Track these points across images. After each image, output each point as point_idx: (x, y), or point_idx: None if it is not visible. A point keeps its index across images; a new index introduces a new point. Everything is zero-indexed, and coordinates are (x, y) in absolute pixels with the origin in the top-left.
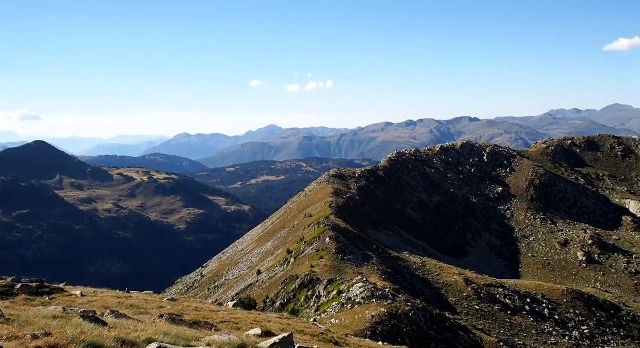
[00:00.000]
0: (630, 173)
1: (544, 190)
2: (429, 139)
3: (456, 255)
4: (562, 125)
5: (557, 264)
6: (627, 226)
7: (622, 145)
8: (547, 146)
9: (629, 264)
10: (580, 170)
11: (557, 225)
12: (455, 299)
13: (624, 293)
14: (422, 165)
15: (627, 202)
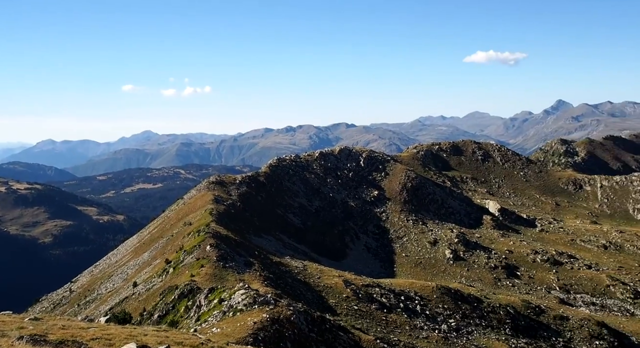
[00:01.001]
0: (489, 175)
1: (416, 192)
2: (308, 145)
3: (336, 258)
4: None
5: (428, 262)
6: (487, 224)
7: (482, 149)
8: (418, 151)
9: (489, 259)
10: (446, 173)
11: (427, 226)
12: (335, 301)
13: (485, 286)
14: (302, 170)
15: (486, 202)
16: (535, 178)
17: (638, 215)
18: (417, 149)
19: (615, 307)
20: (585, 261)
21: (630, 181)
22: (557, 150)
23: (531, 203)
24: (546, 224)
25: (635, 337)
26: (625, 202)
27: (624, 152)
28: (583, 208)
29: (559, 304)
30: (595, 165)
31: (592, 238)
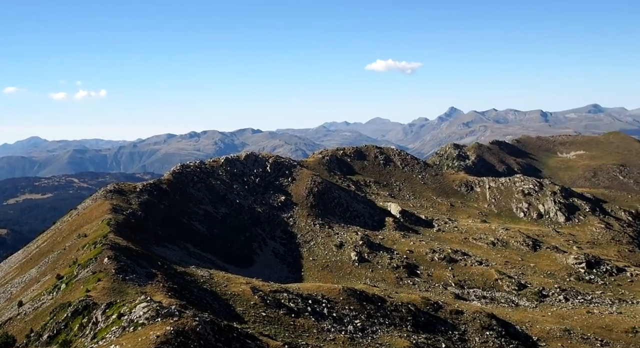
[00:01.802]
0: (390, 179)
1: (322, 197)
2: (213, 151)
3: (243, 265)
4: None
5: (335, 265)
6: (389, 226)
7: (383, 154)
8: (323, 156)
9: (391, 260)
10: (351, 177)
11: (333, 229)
12: (243, 308)
13: (388, 286)
14: (208, 176)
15: (388, 204)
16: (432, 181)
17: (520, 214)
18: (322, 154)
19: (502, 299)
20: (476, 258)
21: (513, 182)
22: (450, 154)
23: (429, 204)
24: (442, 224)
25: (519, 325)
26: (509, 201)
27: (507, 155)
28: (474, 208)
29: (454, 299)
30: (484, 168)
31: (482, 236)
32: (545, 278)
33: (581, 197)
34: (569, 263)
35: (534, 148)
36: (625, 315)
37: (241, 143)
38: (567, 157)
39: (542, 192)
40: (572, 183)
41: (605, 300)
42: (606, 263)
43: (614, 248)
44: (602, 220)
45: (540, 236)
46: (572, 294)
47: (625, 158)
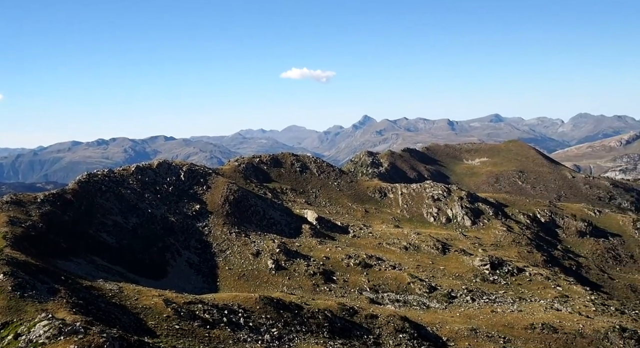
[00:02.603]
0: (307, 186)
1: (238, 205)
2: (123, 159)
3: (156, 277)
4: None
5: (251, 274)
6: (305, 233)
7: (300, 161)
8: (239, 164)
9: (308, 267)
10: (267, 185)
11: (250, 237)
12: (155, 322)
13: (305, 293)
14: (117, 186)
15: (305, 212)
16: (347, 187)
17: (430, 218)
18: (238, 161)
19: (414, 302)
20: (390, 262)
21: (423, 188)
22: (365, 162)
23: (344, 211)
24: (358, 230)
25: (430, 326)
26: (420, 207)
27: (418, 162)
28: (388, 214)
29: (369, 304)
30: (396, 175)
31: (395, 241)
32: (453, 280)
33: (485, 201)
34: (475, 265)
35: (442, 155)
36: (524, 313)
37: (153, 151)
38: (472, 164)
39: (450, 197)
40: (477, 189)
41: (508, 299)
42: (508, 264)
43: (514, 249)
44: (504, 224)
45: (449, 240)
46: (478, 294)
47: (523, 164)
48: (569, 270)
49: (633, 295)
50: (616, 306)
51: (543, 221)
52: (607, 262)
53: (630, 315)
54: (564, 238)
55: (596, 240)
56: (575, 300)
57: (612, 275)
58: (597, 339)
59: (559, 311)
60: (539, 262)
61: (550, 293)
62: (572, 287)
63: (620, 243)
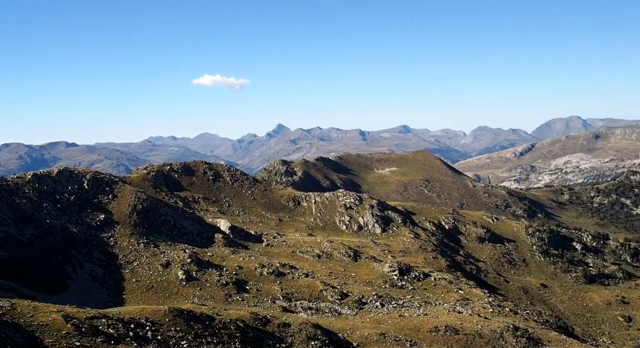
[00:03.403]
0: (220, 195)
1: (147, 214)
2: (18, 166)
3: (55, 292)
4: (161, 151)
5: (160, 285)
6: (218, 242)
7: (212, 170)
8: (148, 171)
9: (220, 277)
10: (178, 193)
11: (159, 248)
12: (53, 339)
13: (217, 304)
14: (10, 195)
15: (218, 221)
16: (261, 196)
17: (343, 226)
18: (147, 169)
19: (326, 309)
20: (303, 270)
21: (336, 197)
22: (279, 170)
23: (258, 220)
24: (271, 239)
25: (342, 333)
26: (333, 215)
27: (331, 171)
28: (301, 222)
29: (282, 312)
30: (310, 183)
31: (308, 249)
32: (364, 286)
33: (394, 209)
34: (385, 271)
35: (354, 164)
36: (429, 316)
37: (53, 158)
38: (382, 173)
39: (362, 205)
40: (387, 197)
41: (414, 304)
42: (415, 269)
43: (421, 255)
44: (411, 231)
45: (360, 247)
46: (387, 300)
47: (429, 174)
48: (470, 274)
49: (525, 296)
50: (510, 307)
51: (447, 228)
52: (503, 266)
53: (522, 315)
54: (465, 244)
55: (494, 246)
56: (475, 303)
57: (507, 278)
58: (494, 339)
59: (461, 313)
60: (443, 267)
61: (453, 297)
62: (472, 290)
63: (515, 248)
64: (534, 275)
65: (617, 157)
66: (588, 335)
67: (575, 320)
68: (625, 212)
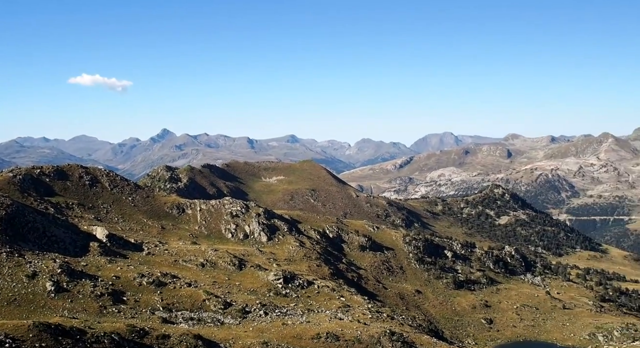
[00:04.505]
0: (97, 201)
1: (11, 221)
2: None
3: None
4: (31, 153)
5: (25, 298)
6: (94, 251)
7: (89, 174)
8: (15, 175)
9: (95, 288)
10: (50, 199)
11: (25, 258)
12: None
13: (90, 316)
14: None
15: (94, 228)
16: (143, 203)
17: (229, 235)
18: (13, 172)
19: (209, 319)
20: (186, 280)
21: (222, 205)
22: (163, 176)
23: (139, 227)
24: (153, 247)
25: (224, 343)
26: (219, 223)
27: (218, 179)
28: (185, 231)
29: (162, 324)
30: (195, 190)
31: (192, 258)
32: (248, 295)
33: (281, 218)
34: (270, 279)
35: (241, 172)
36: (312, 323)
37: None
38: (269, 182)
39: (248, 213)
40: (273, 206)
41: (298, 311)
42: (299, 277)
43: (305, 263)
44: (297, 239)
45: (246, 255)
46: (271, 308)
47: (315, 183)
48: (352, 282)
49: (401, 302)
50: (388, 313)
51: (331, 236)
52: (382, 273)
53: (398, 320)
54: (348, 252)
55: (374, 254)
56: (355, 309)
57: (385, 285)
58: (372, 344)
59: (342, 320)
60: (327, 275)
61: (335, 304)
62: (353, 297)
63: (393, 256)
64: (410, 282)
65: (484, 172)
66: (455, 337)
67: (445, 324)
68: (489, 222)
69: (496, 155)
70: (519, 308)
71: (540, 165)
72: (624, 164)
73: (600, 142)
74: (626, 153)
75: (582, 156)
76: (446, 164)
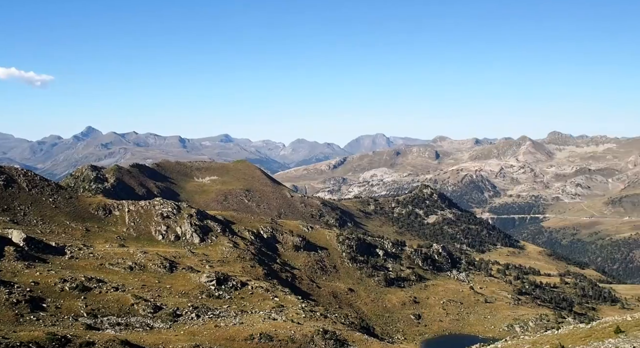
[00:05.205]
0: (13, 202)
1: None
2: None
3: None
4: None
5: None
6: (9, 256)
7: (4, 174)
8: None
9: (10, 295)
10: None
11: None
12: None
13: (5, 325)
14: None
15: (9, 231)
16: (65, 204)
17: (159, 236)
18: None
19: (138, 324)
20: (113, 284)
21: (153, 205)
22: (87, 176)
23: (61, 230)
24: (76, 251)
25: None
26: (149, 224)
27: (148, 179)
28: (113, 233)
29: (86, 330)
30: (123, 191)
31: (120, 261)
32: (180, 298)
33: (214, 219)
34: (202, 281)
35: (173, 172)
36: (245, 325)
37: None
38: (202, 182)
39: (180, 214)
40: (206, 206)
41: (231, 313)
42: (233, 279)
43: (239, 264)
44: (230, 240)
45: (177, 257)
46: (203, 311)
47: (249, 184)
48: (286, 282)
49: (334, 301)
50: (321, 311)
51: (265, 237)
52: (316, 273)
53: (332, 318)
54: (282, 253)
55: (308, 253)
56: (289, 309)
57: (319, 284)
58: (305, 343)
59: (275, 320)
60: (261, 276)
61: (268, 304)
62: (287, 297)
63: (327, 255)
64: (343, 280)
65: (414, 172)
66: (386, 333)
67: (376, 320)
68: (418, 221)
69: (425, 157)
70: (445, 303)
71: (465, 166)
72: (539, 165)
73: (519, 145)
74: (542, 155)
75: (503, 158)
76: (378, 165)
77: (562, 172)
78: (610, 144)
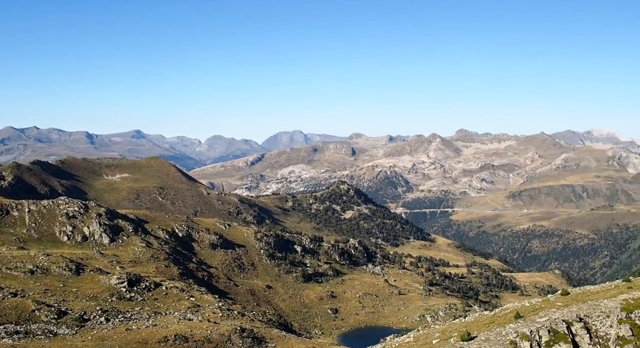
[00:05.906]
0: None
1: None
2: None
3: None
4: None
5: None
6: None
7: None
8: None
9: None
10: None
11: None
12: None
13: None
14: None
15: None
16: None
17: (64, 238)
18: None
19: (39, 331)
20: (11, 289)
21: (57, 205)
22: None
23: None
24: None
25: None
26: (52, 225)
27: (51, 176)
28: (10, 235)
29: None
30: (23, 190)
31: (18, 265)
32: (87, 302)
33: (125, 218)
34: (112, 283)
35: (80, 170)
36: (159, 327)
37: None
38: (112, 180)
39: (88, 214)
40: (117, 205)
41: (144, 315)
42: (146, 280)
43: (153, 265)
44: (143, 240)
45: (85, 259)
46: (113, 314)
47: (164, 181)
48: (202, 281)
49: (252, 298)
50: (239, 310)
51: (181, 236)
52: (234, 271)
53: (249, 316)
54: (198, 251)
55: (225, 251)
56: (205, 309)
57: (237, 282)
58: (222, 342)
59: (191, 320)
60: (175, 276)
61: (184, 305)
62: (203, 296)
63: (245, 252)
64: (261, 278)
65: (331, 169)
66: (304, 328)
67: (294, 316)
68: (336, 217)
69: (342, 153)
70: (362, 296)
71: (380, 163)
72: (448, 161)
73: (430, 142)
74: (450, 152)
75: (415, 154)
76: (296, 161)
77: (469, 167)
78: (510, 141)
